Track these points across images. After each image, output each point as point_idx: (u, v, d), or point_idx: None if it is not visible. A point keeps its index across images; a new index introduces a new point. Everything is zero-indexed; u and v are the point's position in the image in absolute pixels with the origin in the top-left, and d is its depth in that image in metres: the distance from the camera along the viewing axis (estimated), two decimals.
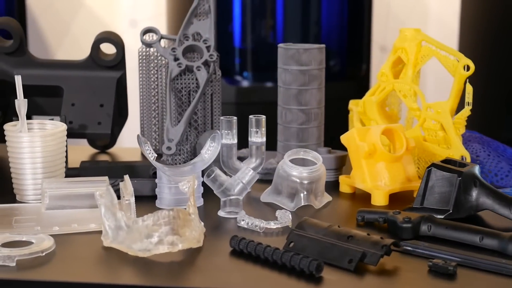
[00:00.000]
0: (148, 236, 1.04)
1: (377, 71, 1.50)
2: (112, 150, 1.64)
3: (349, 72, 2.95)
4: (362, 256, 1.01)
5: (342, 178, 1.35)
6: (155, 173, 1.37)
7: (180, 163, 1.46)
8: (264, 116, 1.31)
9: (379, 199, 1.27)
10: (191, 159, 1.47)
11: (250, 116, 1.31)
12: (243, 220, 1.17)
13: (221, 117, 1.30)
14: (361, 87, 2.94)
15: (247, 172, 1.23)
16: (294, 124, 1.50)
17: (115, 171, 1.37)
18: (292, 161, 1.27)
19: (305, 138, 1.51)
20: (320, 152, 1.35)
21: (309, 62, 1.48)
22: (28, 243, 1.06)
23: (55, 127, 1.31)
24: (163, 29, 3.22)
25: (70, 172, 1.37)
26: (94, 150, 1.63)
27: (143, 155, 1.59)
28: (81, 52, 1.56)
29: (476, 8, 2.99)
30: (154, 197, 1.29)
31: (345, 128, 1.51)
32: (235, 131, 1.30)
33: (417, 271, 1.01)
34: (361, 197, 1.32)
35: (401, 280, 1.00)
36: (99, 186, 1.23)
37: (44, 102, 1.58)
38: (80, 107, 1.52)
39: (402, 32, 1.42)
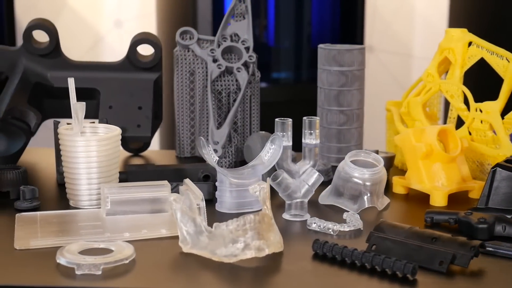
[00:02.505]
0: (234, 241, 1.02)
1: (374, 71, 1.50)
2: (144, 153, 1.61)
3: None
4: (452, 257, 1.00)
5: (396, 179, 1.34)
6: (205, 176, 1.35)
7: (226, 166, 1.45)
8: (318, 118, 1.30)
9: (439, 200, 1.27)
10: (235, 161, 1.46)
11: (304, 118, 1.30)
12: (314, 223, 1.16)
13: (276, 119, 1.29)
14: None
15: (312, 174, 1.22)
16: (335, 125, 1.50)
17: (165, 174, 1.35)
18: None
19: (345, 139, 1.51)
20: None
21: (351, 63, 1.48)
22: (108, 251, 1.04)
23: (109, 130, 1.28)
24: (152, 29, 3.19)
25: (119, 176, 1.34)
26: (126, 153, 1.60)
27: (177, 157, 1.57)
28: (65, 52, 1.52)
29: (465, 9, 3.03)
30: (209, 201, 1.26)
31: None
32: (290, 133, 1.29)
33: (506, 271, 1.01)
34: (416, 198, 1.32)
35: (492, 281, 1.00)
36: (160, 190, 1.21)
37: None
38: (118, 109, 1.49)
39: (448, 32, 1.42)
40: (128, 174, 1.35)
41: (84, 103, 1.23)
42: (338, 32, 3.00)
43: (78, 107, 1.23)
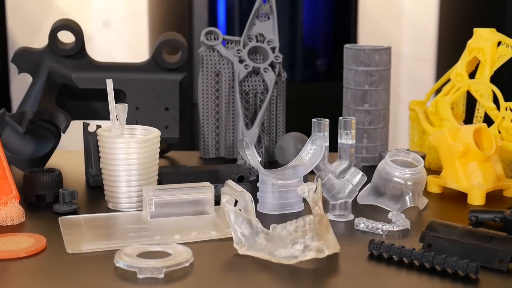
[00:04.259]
0: (293, 242, 1.02)
1: None
2: (167, 154, 1.60)
3: (335, 72, 2.96)
4: None
5: (431, 179, 1.35)
6: (240, 178, 1.34)
7: None
8: (353, 118, 1.30)
9: (477, 199, 1.28)
10: (264, 162, 1.46)
11: (340, 118, 1.31)
12: (362, 223, 1.16)
13: (313, 119, 1.29)
14: None
15: (355, 174, 1.22)
16: (361, 125, 1.50)
17: (198, 176, 1.34)
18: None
19: (372, 139, 1.51)
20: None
21: (379, 63, 1.49)
22: (165, 254, 1.03)
23: (148, 132, 1.27)
24: (143, 29, 3.17)
25: None
26: None
27: (201, 158, 1.57)
28: None
29: (455, 9, 3.05)
30: None
31: (336, 127, 1.49)
32: (327, 133, 1.29)
33: None
34: (451, 197, 1.33)
35: None
36: (203, 192, 1.21)
37: (100, 106, 1.53)
38: (145, 111, 1.47)
39: (477, 32, 1.43)
40: (162, 176, 1.34)
41: (126, 104, 1.22)
42: (331, 32, 3.00)
43: (120, 109, 1.21)
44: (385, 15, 3.40)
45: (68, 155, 1.55)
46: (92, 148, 1.37)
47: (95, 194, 1.34)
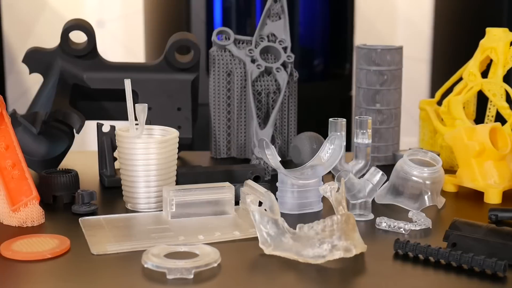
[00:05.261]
0: (320, 242, 1.02)
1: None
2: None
3: (332, 71, 2.97)
4: None
5: (446, 178, 1.35)
6: (255, 177, 1.34)
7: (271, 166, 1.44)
8: (369, 118, 1.30)
9: (494, 198, 1.29)
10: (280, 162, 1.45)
11: (356, 117, 1.31)
12: (384, 223, 1.16)
13: (330, 119, 1.29)
14: (344, 86, 2.97)
15: (375, 173, 1.22)
16: (372, 125, 1.51)
17: (214, 176, 1.34)
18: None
19: (384, 139, 1.51)
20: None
21: (391, 63, 1.49)
22: (193, 255, 1.02)
23: (167, 133, 1.27)
24: (139, 29, 3.16)
25: None
26: None
27: (213, 158, 1.56)
28: None
29: (450, 9, 3.07)
30: None
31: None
32: (343, 132, 1.29)
33: None
34: (467, 196, 1.34)
35: None
36: (223, 192, 1.21)
37: (111, 106, 1.52)
38: (157, 111, 1.47)
39: (490, 32, 1.44)
40: (178, 176, 1.33)
41: (146, 105, 1.21)
42: (327, 32, 3.01)
43: (140, 109, 1.21)
44: (380, 15, 3.41)
45: (78, 155, 1.54)
46: (106, 148, 1.37)
47: (111, 195, 1.33)
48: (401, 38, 3.37)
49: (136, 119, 1.23)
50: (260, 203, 1.13)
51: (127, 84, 1.23)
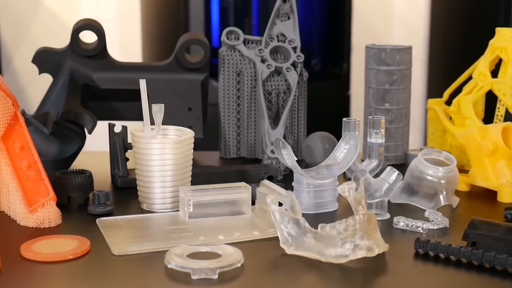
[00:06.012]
0: (343, 241, 1.02)
1: (357, 70, 1.53)
2: None
3: (330, 71, 2.97)
4: None
5: (459, 177, 1.36)
6: (269, 177, 1.34)
7: (283, 166, 1.44)
8: (382, 117, 1.31)
9: (508, 196, 1.29)
10: None
11: (369, 117, 1.31)
12: (402, 222, 1.16)
13: (344, 119, 1.30)
14: (342, 86, 2.97)
15: (391, 172, 1.22)
16: None
17: (227, 176, 1.34)
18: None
19: (393, 138, 1.52)
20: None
21: (400, 62, 1.49)
22: (215, 255, 1.02)
23: (182, 133, 1.26)
24: (136, 29, 3.15)
25: None
26: None
27: (222, 158, 1.56)
28: None
29: (446, 7, 3.08)
30: None
31: (335, 126, 1.50)
32: (357, 132, 1.29)
33: None
34: (479, 195, 1.34)
35: None
36: (240, 192, 1.21)
37: (120, 106, 1.52)
38: (168, 111, 1.45)
39: (499, 31, 1.45)
40: (191, 177, 1.33)
41: (163, 105, 1.21)
42: (325, 32, 3.01)
43: (157, 110, 1.21)
44: (376, 14, 3.42)
45: (87, 155, 1.53)
46: (118, 148, 1.36)
47: (123, 195, 1.33)
48: (397, 38, 3.38)
49: (150, 119, 1.22)
50: (280, 203, 1.13)
51: (142, 84, 1.22)
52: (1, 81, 1.19)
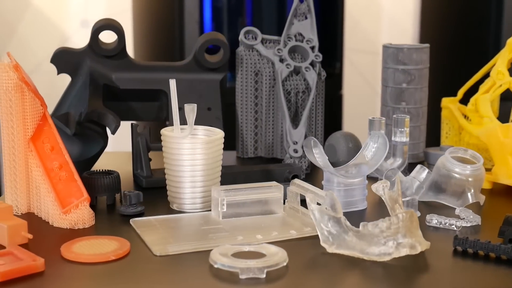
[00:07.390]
0: (386, 240, 1.03)
1: (349, 70, 1.54)
2: None
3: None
4: None
5: None
6: (294, 177, 1.35)
7: (305, 165, 1.44)
8: (408, 116, 1.32)
9: None
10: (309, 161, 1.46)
11: (394, 116, 1.32)
12: (435, 220, 1.17)
13: (369, 118, 1.30)
14: (334, 85, 2.98)
15: (421, 171, 1.23)
16: None
17: (252, 175, 1.34)
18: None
19: (410, 137, 1.53)
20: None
21: (418, 62, 1.51)
22: (259, 254, 1.02)
23: (211, 133, 1.26)
24: (127, 29, 3.13)
25: None
26: None
27: (240, 158, 1.56)
28: (30, 54, 1.48)
29: (435, 7, 3.10)
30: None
31: (333, 124, 1.52)
32: (382, 131, 1.30)
33: None
34: (502, 192, 1.36)
35: None
36: (272, 191, 1.21)
37: (139, 106, 1.51)
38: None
39: None
40: None
41: (195, 105, 1.21)
42: (318, 31, 3.01)
43: (189, 110, 1.20)
44: (365, 14, 3.44)
45: (106, 156, 1.52)
46: (141, 149, 1.36)
47: (148, 195, 1.32)
48: (386, 37, 3.40)
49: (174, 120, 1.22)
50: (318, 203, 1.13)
51: (172, 84, 1.22)
52: (29, 81, 1.18)
